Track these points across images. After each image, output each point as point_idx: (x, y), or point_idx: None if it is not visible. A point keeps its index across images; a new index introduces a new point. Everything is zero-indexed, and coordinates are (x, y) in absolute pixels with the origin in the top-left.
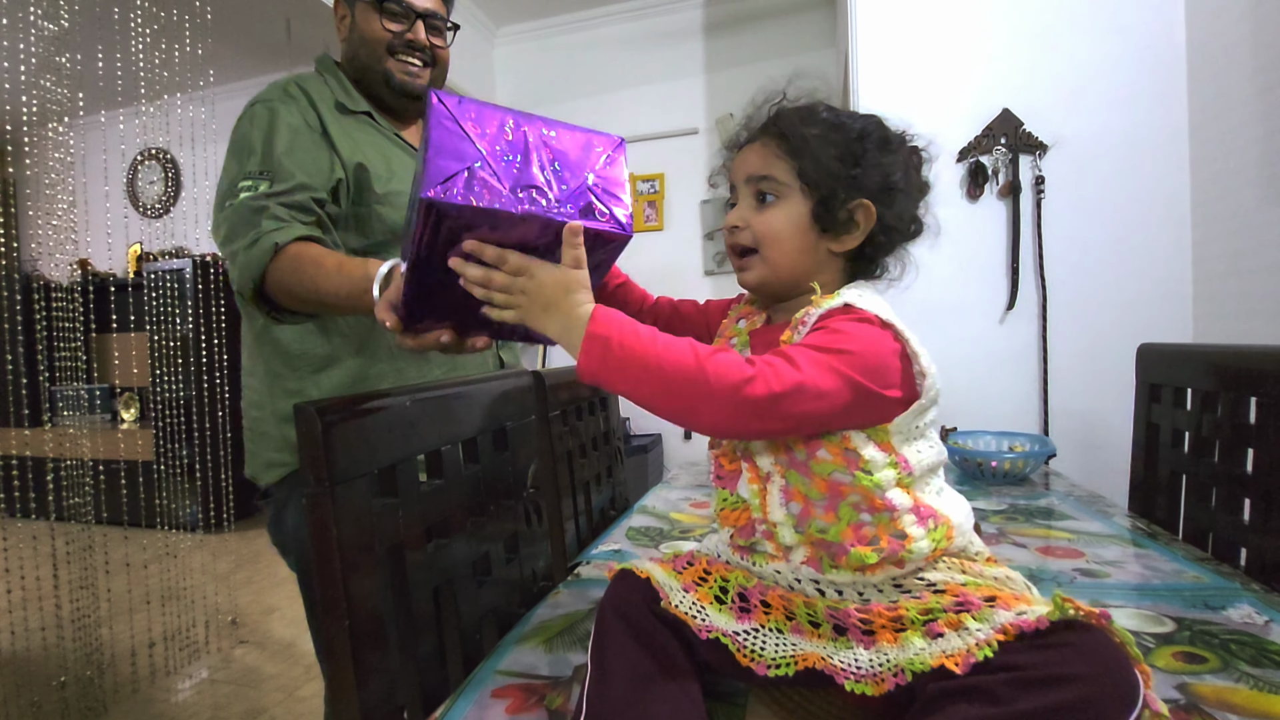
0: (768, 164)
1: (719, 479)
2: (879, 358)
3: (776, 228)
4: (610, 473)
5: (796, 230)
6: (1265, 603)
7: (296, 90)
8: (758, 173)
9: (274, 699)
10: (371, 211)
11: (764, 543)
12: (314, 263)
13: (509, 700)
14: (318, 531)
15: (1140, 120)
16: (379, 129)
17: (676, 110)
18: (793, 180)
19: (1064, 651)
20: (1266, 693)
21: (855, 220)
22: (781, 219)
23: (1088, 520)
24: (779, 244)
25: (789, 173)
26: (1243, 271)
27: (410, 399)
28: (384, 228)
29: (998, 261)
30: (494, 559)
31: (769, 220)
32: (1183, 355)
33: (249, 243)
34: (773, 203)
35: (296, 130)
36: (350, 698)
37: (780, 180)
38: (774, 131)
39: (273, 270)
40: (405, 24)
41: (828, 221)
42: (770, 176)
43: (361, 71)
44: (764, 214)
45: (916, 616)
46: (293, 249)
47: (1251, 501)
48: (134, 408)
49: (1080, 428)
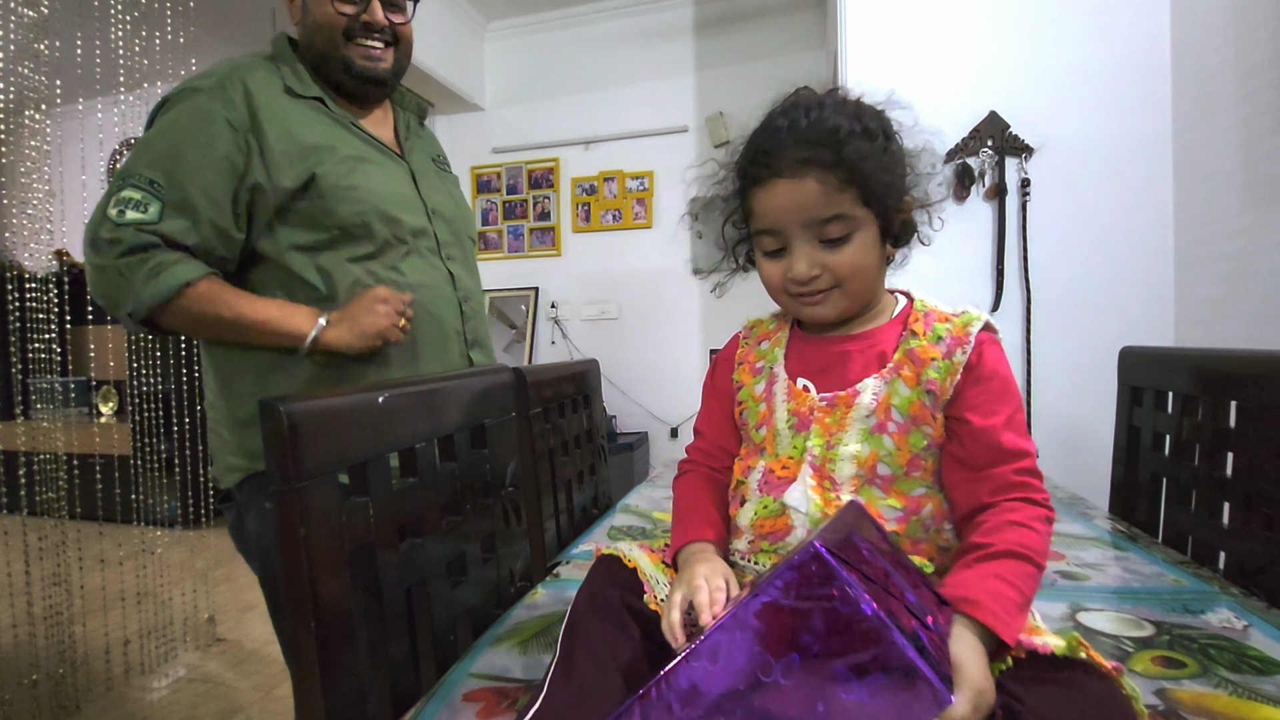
0: (832, 202)
1: (766, 485)
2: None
3: (860, 263)
4: (593, 471)
5: (875, 258)
6: (1244, 607)
7: (235, 82)
8: (823, 215)
9: (250, 698)
10: (319, 206)
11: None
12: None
13: (481, 704)
14: (285, 531)
15: (1125, 124)
16: (333, 116)
17: (667, 108)
18: (858, 208)
19: (1070, 693)
20: (1245, 699)
21: (911, 220)
22: (862, 253)
23: (1069, 522)
24: (862, 277)
25: (854, 203)
26: (1224, 276)
27: (384, 395)
28: (333, 222)
29: (983, 263)
30: (470, 559)
31: (850, 258)
32: (1164, 358)
33: (148, 272)
34: (845, 237)
35: (211, 142)
36: (315, 702)
37: (850, 215)
38: (825, 160)
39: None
40: (359, 4)
41: (895, 237)
42: (840, 215)
43: (320, 59)
44: (841, 253)
45: None
46: (203, 286)
47: (1231, 505)
48: (112, 401)
49: (1062, 430)
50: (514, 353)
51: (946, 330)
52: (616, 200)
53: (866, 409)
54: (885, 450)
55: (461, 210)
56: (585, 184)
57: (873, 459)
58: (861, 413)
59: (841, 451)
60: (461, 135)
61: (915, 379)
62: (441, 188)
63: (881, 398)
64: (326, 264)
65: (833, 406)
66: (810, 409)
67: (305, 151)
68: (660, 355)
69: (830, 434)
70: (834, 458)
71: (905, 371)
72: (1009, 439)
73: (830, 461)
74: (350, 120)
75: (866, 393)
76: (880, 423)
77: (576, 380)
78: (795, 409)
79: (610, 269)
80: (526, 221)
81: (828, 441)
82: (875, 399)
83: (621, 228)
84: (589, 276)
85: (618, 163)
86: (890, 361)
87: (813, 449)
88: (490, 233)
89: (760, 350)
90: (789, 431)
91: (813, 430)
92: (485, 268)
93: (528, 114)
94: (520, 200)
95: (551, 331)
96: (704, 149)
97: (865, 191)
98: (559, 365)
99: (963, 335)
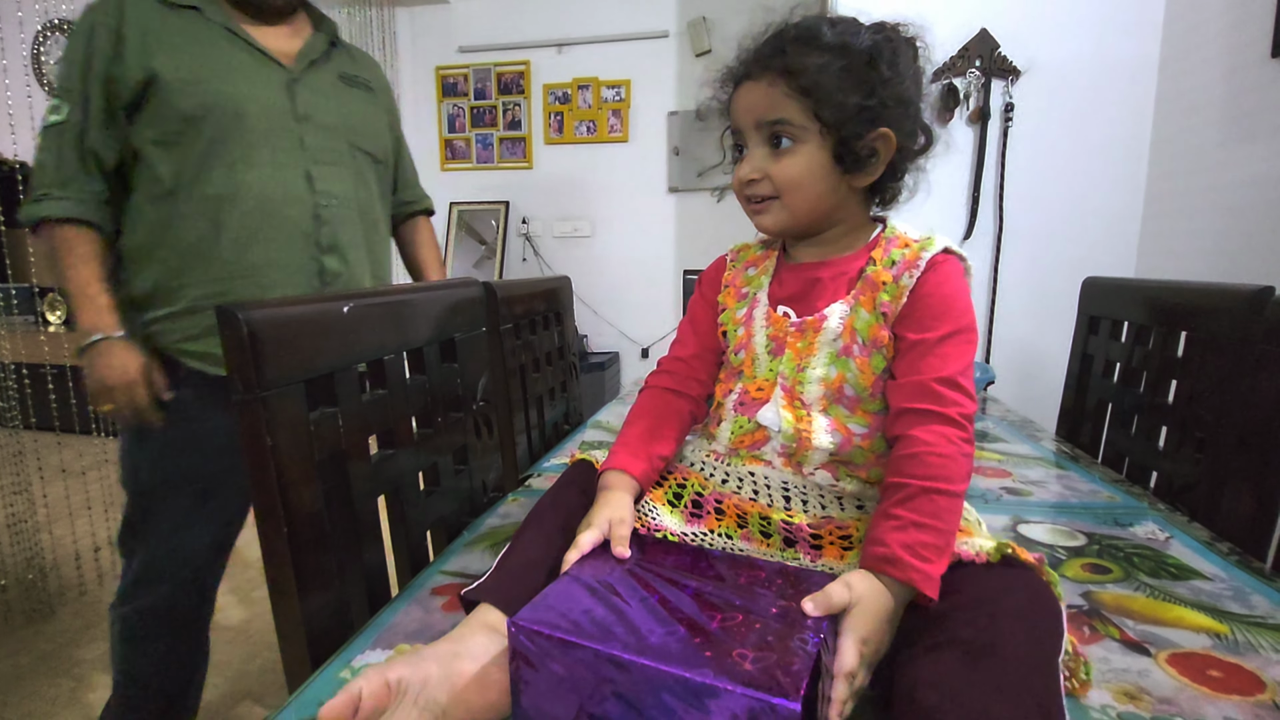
0: (778, 106)
1: (741, 406)
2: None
3: (797, 175)
4: (564, 388)
5: (819, 175)
6: (1168, 521)
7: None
8: (769, 116)
9: (227, 600)
10: (163, 98)
11: (769, 455)
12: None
13: (447, 597)
14: (249, 439)
15: (1114, 49)
16: (207, 23)
17: (646, 10)
18: (809, 122)
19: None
20: (1160, 600)
21: (877, 152)
22: (802, 166)
23: (1017, 443)
24: (802, 190)
25: (804, 114)
26: (1191, 210)
27: (348, 306)
28: (175, 114)
29: (960, 189)
30: (443, 470)
31: (788, 169)
32: (1122, 289)
33: (35, 196)
34: (790, 148)
35: (89, 43)
36: (292, 604)
37: (795, 123)
38: (779, 67)
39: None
40: None
41: (850, 161)
42: (784, 120)
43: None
44: (782, 162)
45: (864, 534)
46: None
47: (1168, 429)
48: (60, 310)
49: (1020, 356)
50: (484, 269)
51: (901, 255)
52: (591, 110)
53: (833, 333)
54: (851, 373)
55: (360, 123)
56: (558, 91)
57: (839, 381)
58: (828, 337)
59: (809, 374)
60: (425, 30)
61: (871, 303)
62: (333, 99)
63: (846, 322)
64: (173, 158)
65: (802, 331)
66: (784, 333)
67: (155, 49)
68: (633, 275)
69: (801, 357)
70: (803, 380)
71: (864, 296)
72: (937, 351)
73: (800, 384)
74: (228, 26)
75: (833, 317)
76: (846, 346)
77: (548, 297)
78: (773, 334)
79: (584, 184)
80: (496, 130)
81: (798, 365)
82: (841, 323)
83: (596, 140)
84: (562, 192)
85: (593, 69)
86: (854, 289)
87: (784, 371)
88: (458, 140)
89: (747, 276)
90: (766, 356)
91: (785, 354)
92: (453, 178)
93: (497, 9)
94: (489, 106)
95: (523, 248)
96: (685, 58)
97: (817, 106)
98: (530, 281)
99: (914, 259)
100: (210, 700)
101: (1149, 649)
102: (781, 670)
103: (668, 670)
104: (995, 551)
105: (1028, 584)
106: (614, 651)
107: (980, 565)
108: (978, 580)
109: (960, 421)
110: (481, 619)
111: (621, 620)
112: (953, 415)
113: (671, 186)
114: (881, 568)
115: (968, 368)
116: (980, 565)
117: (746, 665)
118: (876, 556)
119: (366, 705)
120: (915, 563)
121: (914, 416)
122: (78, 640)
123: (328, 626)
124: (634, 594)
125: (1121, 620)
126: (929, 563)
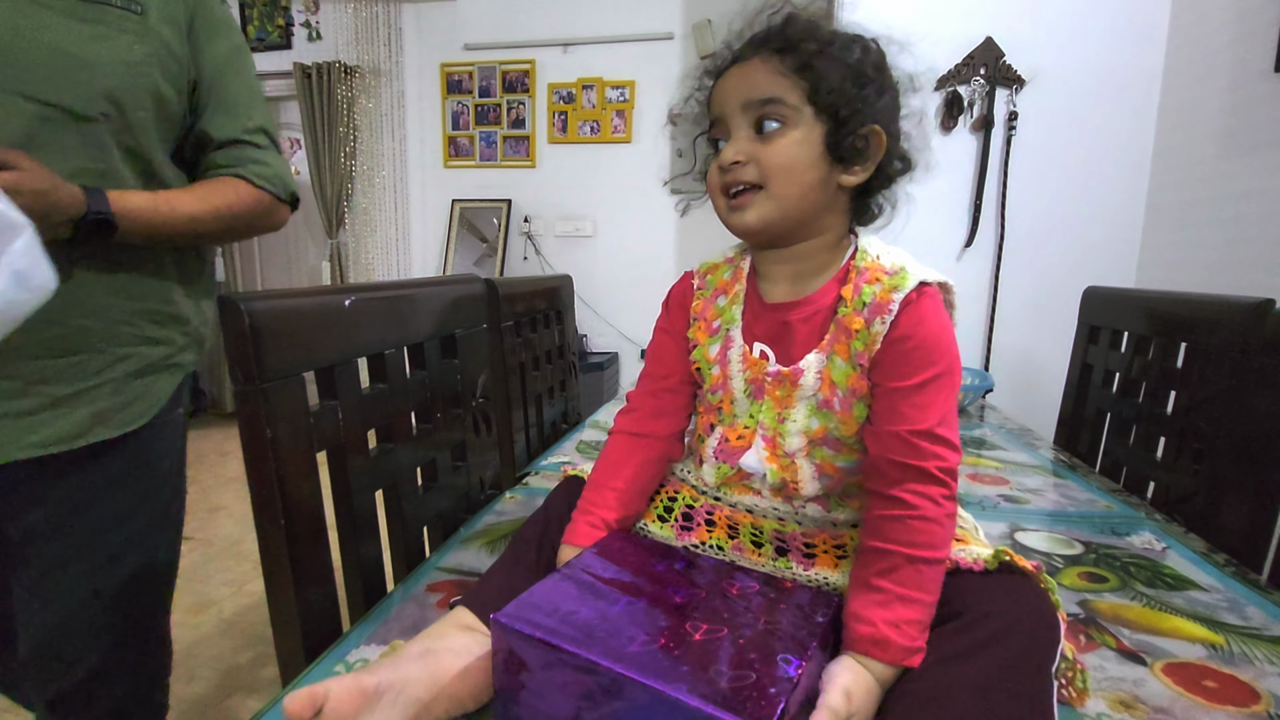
0: (772, 84)
1: (722, 454)
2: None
3: (788, 158)
4: (563, 387)
5: (810, 161)
6: (1165, 531)
7: None
8: (760, 95)
9: (223, 593)
10: None
11: (758, 485)
12: None
13: (442, 594)
14: (249, 430)
15: (1118, 59)
16: None
17: (651, 13)
18: (802, 103)
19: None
20: (1156, 610)
21: (868, 148)
22: (793, 148)
23: (1016, 451)
24: (791, 176)
25: (798, 94)
26: (1192, 222)
27: (350, 299)
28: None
29: (962, 197)
30: (441, 466)
31: (779, 150)
32: (1122, 299)
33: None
34: (779, 130)
35: None
36: (288, 597)
37: (789, 103)
38: (778, 45)
39: None
40: None
41: (841, 150)
42: (776, 99)
43: None
44: (772, 143)
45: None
46: None
47: (1166, 440)
48: None
49: (1019, 364)
50: (485, 267)
51: (872, 295)
52: (595, 111)
53: (811, 388)
54: (833, 423)
55: (47, 59)
56: (563, 91)
57: (821, 431)
58: (807, 391)
59: (790, 426)
60: (431, 27)
61: (847, 352)
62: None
63: (824, 374)
64: None
65: (780, 381)
66: (763, 377)
67: None
68: (634, 277)
69: (780, 407)
70: (784, 432)
71: (839, 344)
72: (915, 400)
73: (781, 435)
74: None
75: (809, 371)
76: (826, 399)
77: (549, 295)
78: (751, 377)
79: (586, 184)
80: (500, 128)
81: (778, 415)
82: (818, 377)
83: (600, 140)
84: (564, 191)
85: (598, 69)
86: (827, 334)
87: (764, 421)
88: (461, 138)
89: (718, 307)
90: (745, 399)
91: (765, 402)
92: (456, 175)
93: (503, 8)
94: (494, 104)
95: (524, 247)
96: (689, 60)
97: (814, 85)
98: (531, 279)
99: (885, 301)
100: (201, 693)
101: (1145, 658)
102: (756, 692)
103: (642, 681)
104: (993, 559)
105: (1024, 591)
106: (592, 657)
107: (977, 573)
108: (974, 588)
109: (942, 478)
110: (456, 619)
111: (604, 624)
112: (933, 471)
113: (673, 189)
114: (869, 650)
115: (948, 415)
116: (977, 573)
117: (722, 684)
118: (864, 638)
119: (331, 707)
120: (903, 642)
121: (895, 470)
122: None
123: (323, 620)
124: (620, 598)
125: (1118, 629)
126: (915, 640)
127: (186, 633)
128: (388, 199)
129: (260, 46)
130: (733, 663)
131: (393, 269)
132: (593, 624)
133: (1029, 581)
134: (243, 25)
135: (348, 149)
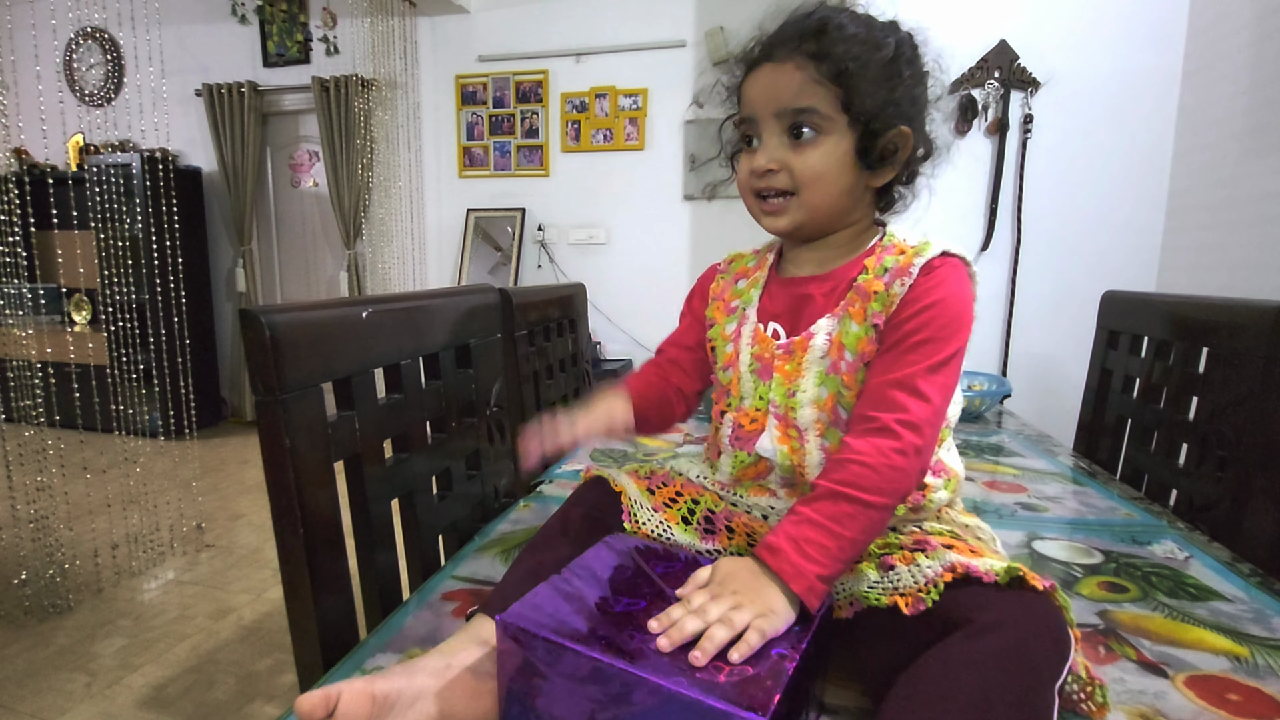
0: (807, 93)
1: (737, 440)
2: (970, 318)
3: (821, 169)
4: (578, 394)
5: (841, 170)
6: (1187, 540)
7: None
8: (794, 104)
9: (242, 600)
10: None
11: (774, 484)
12: None
13: (458, 603)
14: (268, 441)
15: (1135, 62)
16: None
17: (663, 20)
18: (836, 112)
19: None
20: (1178, 621)
21: (896, 150)
22: (826, 158)
23: (1034, 458)
24: (823, 185)
25: (832, 103)
26: (1213, 225)
27: (367, 311)
28: None
29: (978, 200)
30: (455, 475)
31: (811, 161)
32: (1142, 303)
33: None
34: (812, 139)
35: None
36: (306, 605)
37: (822, 113)
38: (810, 51)
39: None
40: None
41: (871, 157)
42: (810, 109)
43: None
44: (804, 153)
45: (874, 550)
46: None
47: (1188, 447)
48: (86, 310)
49: (1038, 370)
50: (499, 275)
51: (895, 262)
52: (608, 119)
53: (820, 350)
54: (841, 390)
55: None
56: (576, 100)
57: (831, 401)
58: (816, 354)
59: (800, 398)
60: (446, 39)
61: (862, 314)
62: None
63: (834, 337)
64: None
65: (790, 353)
66: (771, 355)
67: None
68: (648, 283)
69: (790, 381)
70: (795, 405)
71: (854, 307)
72: (908, 357)
73: (792, 410)
74: None
75: (820, 334)
76: (834, 363)
77: (563, 304)
78: (758, 354)
79: (600, 192)
80: (514, 138)
81: (788, 390)
82: (829, 339)
83: (613, 148)
84: (578, 199)
85: (610, 78)
86: (844, 299)
87: (774, 399)
88: (476, 148)
89: (737, 289)
90: (751, 376)
91: (774, 379)
92: (470, 184)
93: (516, 19)
94: (508, 115)
95: (538, 255)
96: (702, 67)
97: (848, 95)
98: (545, 288)
99: (907, 265)
100: (221, 699)
101: (1166, 670)
102: (754, 685)
103: (644, 676)
104: (1005, 573)
105: (1036, 605)
106: (595, 655)
107: (989, 585)
108: (985, 599)
109: (897, 431)
110: (474, 632)
111: (607, 623)
112: (889, 424)
113: (687, 195)
114: (760, 553)
115: (937, 366)
116: (989, 585)
117: (720, 678)
118: (761, 544)
119: (342, 711)
120: (796, 558)
121: (859, 421)
122: (94, 636)
123: (340, 628)
124: (621, 598)
125: (1138, 640)
126: (811, 561)
127: (207, 639)
128: (404, 209)
129: (280, 61)
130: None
131: (409, 278)
132: (595, 622)
133: (1042, 597)
134: (263, 41)
135: (365, 160)
